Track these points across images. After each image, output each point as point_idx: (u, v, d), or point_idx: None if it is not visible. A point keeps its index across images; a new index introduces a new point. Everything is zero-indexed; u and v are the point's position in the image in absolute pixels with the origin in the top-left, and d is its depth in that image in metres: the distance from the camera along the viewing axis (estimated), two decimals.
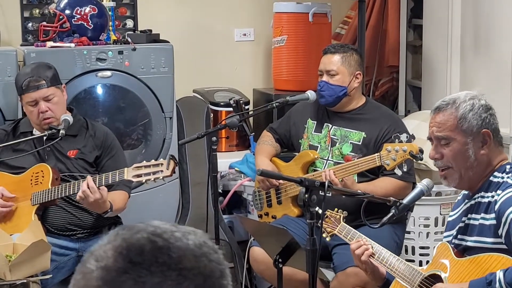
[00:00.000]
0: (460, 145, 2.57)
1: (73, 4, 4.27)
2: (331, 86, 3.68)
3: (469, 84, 4.50)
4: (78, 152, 3.62)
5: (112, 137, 3.72)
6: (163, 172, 3.29)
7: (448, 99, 2.61)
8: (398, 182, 3.52)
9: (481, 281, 2.43)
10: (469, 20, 4.59)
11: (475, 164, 2.57)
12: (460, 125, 2.55)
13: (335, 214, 3.01)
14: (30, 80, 3.53)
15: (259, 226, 3.48)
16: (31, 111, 3.56)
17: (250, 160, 4.44)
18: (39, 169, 3.52)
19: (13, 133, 3.69)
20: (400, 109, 5.49)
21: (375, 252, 2.79)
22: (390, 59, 5.48)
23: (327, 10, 4.92)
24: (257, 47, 5.40)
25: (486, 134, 2.57)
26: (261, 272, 3.65)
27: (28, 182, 3.53)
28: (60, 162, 3.59)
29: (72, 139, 3.64)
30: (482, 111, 2.57)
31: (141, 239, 1.05)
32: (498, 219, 2.48)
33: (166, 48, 4.33)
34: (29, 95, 3.53)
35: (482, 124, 2.56)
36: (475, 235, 2.58)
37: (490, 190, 2.57)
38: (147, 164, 3.33)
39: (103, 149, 3.65)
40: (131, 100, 4.25)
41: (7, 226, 3.50)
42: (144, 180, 3.30)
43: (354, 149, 3.65)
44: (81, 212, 3.57)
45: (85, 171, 3.59)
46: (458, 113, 2.56)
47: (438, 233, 4.12)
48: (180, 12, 5.22)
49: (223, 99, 4.82)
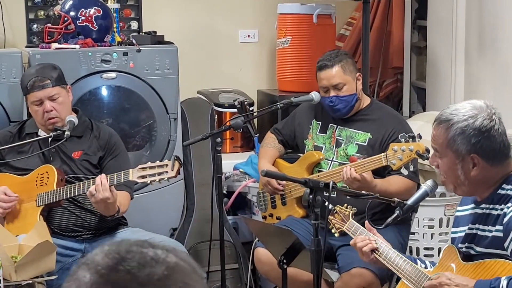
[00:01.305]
0: (450, 162, 2.54)
1: (78, 6, 4.27)
2: (343, 99, 3.66)
3: (474, 85, 4.50)
4: (83, 154, 3.62)
5: (116, 137, 3.72)
6: (168, 173, 3.29)
7: (448, 113, 2.55)
8: (407, 180, 3.52)
9: (487, 283, 2.42)
10: (474, 21, 4.59)
11: (467, 182, 2.54)
12: (450, 145, 2.52)
13: (345, 210, 3.00)
14: (35, 80, 3.54)
15: (263, 227, 3.48)
16: (36, 110, 3.57)
17: (255, 161, 4.45)
18: (44, 170, 3.53)
19: (19, 134, 3.69)
20: (404, 110, 5.49)
21: (379, 248, 2.79)
22: (395, 60, 5.48)
23: (332, 11, 4.93)
24: (261, 49, 5.41)
25: (474, 158, 2.51)
26: (265, 273, 3.65)
27: (33, 183, 3.53)
28: (65, 164, 3.60)
29: (77, 140, 3.64)
30: (472, 135, 2.49)
31: (106, 263, 1.06)
32: (505, 232, 2.46)
33: (170, 50, 4.34)
34: (34, 95, 3.54)
35: (471, 149, 2.50)
36: (482, 246, 2.56)
37: (500, 202, 2.53)
38: (152, 165, 3.33)
39: (106, 149, 3.65)
40: (135, 101, 4.26)
41: (13, 227, 3.51)
42: (149, 180, 3.31)
43: (360, 150, 3.65)
44: (85, 213, 3.58)
45: (89, 173, 3.59)
46: (449, 135, 2.51)
47: (442, 234, 4.12)
48: (185, 13, 5.23)
49: (228, 100, 4.83)
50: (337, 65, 3.65)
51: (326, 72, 3.67)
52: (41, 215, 3.48)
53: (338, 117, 3.72)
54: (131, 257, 1.06)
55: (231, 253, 4.34)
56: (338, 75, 3.65)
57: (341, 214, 3.00)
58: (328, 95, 3.67)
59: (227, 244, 4.26)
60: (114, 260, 1.05)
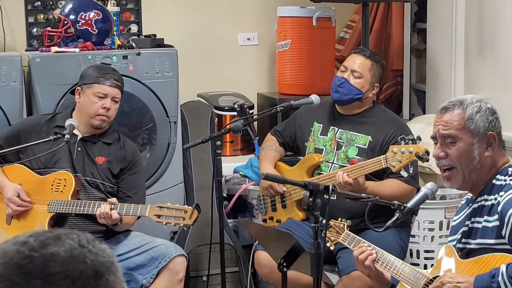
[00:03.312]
0: (466, 145, 2.57)
1: (78, 9, 4.28)
2: (350, 86, 3.68)
3: (474, 88, 4.50)
4: (106, 161, 3.65)
5: (139, 156, 3.80)
6: (185, 220, 3.35)
7: (455, 100, 2.63)
8: (404, 184, 3.53)
9: (486, 275, 2.45)
10: (473, 24, 4.59)
11: (479, 166, 2.57)
12: (467, 125, 2.56)
13: (339, 223, 3.01)
14: (111, 76, 3.64)
15: (263, 230, 3.48)
16: (94, 102, 3.60)
17: (255, 164, 4.44)
18: (63, 177, 3.55)
19: (48, 124, 3.70)
20: (404, 112, 5.49)
21: (379, 258, 2.80)
22: (394, 63, 5.48)
23: (331, 14, 4.93)
24: (261, 52, 5.41)
25: (491, 136, 2.58)
26: (265, 276, 3.65)
27: (49, 186, 3.54)
28: (86, 165, 3.62)
29: (104, 146, 3.68)
30: (488, 113, 2.58)
31: (9, 252, 1.07)
32: (501, 219, 2.49)
33: (170, 53, 4.34)
34: (104, 88, 3.61)
35: (489, 127, 2.57)
36: (478, 238, 2.59)
37: (493, 193, 2.57)
38: (171, 207, 3.37)
39: (128, 163, 3.70)
40: (135, 104, 4.26)
41: (19, 225, 3.52)
42: (165, 222, 3.35)
43: (360, 152, 3.65)
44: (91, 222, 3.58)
45: (108, 181, 3.63)
46: (466, 114, 2.56)
47: (442, 237, 4.12)
48: (184, 16, 5.23)
49: (228, 104, 4.83)
50: (370, 60, 3.72)
51: (358, 56, 3.74)
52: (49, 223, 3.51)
53: (334, 99, 3.74)
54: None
55: (231, 256, 4.34)
56: (364, 66, 3.70)
57: (336, 227, 3.01)
58: (342, 75, 3.69)
59: (227, 247, 4.26)
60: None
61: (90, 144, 3.65)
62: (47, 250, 1.07)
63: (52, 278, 1.04)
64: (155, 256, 3.54)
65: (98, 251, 1.10)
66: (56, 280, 1.05)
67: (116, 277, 1.09)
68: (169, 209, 3.37)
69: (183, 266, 3.57)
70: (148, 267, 3.54)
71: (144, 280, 3.52)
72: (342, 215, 3.09)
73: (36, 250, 1.07)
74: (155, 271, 3.52)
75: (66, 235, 1.10)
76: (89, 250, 1.09)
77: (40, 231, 1.11)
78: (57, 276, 1.05)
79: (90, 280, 1.06)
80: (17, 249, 1.07)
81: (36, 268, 1.05)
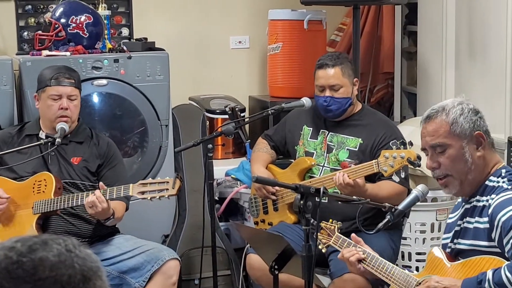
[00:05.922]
0: (456, 150, 2.57)
1: (69, 13, 4.27)
2: (337, 100, 3.66)
3: (464, 90, 4.51)
4: (82, 160, 3.63)
5: (114, 148, 3.75)
6: (169, 191, 3.32)
7: (437, 107, 2.63)
8: (398, 185, 3.53)
9: (473, 280, 2.46)
10: (464, 27, 4.61)
11: (473, 167, 2.58)
12: (453, 130, 2.57)
13: (330, 225, 3.02)
14: (60, 75, 3.58)
15: (255, 233, 3.48)
16: (51, 105, 3.57)
17: (246, 167, 4.45)
18: (42, 178, 3.53)
19: (18, 135, 3.69)
20: (395, 115, 5.50)
21: (367, 257, 2.81)
22: (385, 65, 5.49)
23: (322, 17, 4.94)
24: (252, 55, 5.41)
25: (479, 135, 2.58)
26: (257, 279, 3.64)
27: (30, 190, 3.53)
28: (63, 168, 3.60)
29: (77, 146, 3.65)
30: (472, 114, 2.58)
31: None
32: (491, 222, 2.49)
33: (161, 56, 4.34)
34: (56, 88, 3.56)
35: (474, 127, 2.58)
36: (470, 239, 2.60)
37: (485, 194, 2.58)
38: (153, 181, 3.35)
39: (105, 158, 3.67)
40: (127, 108, 4.26)
41: (7, 233, 3.50)
42: (149, 197, 3.33)
43: (351, 155, 3.66)
44: (80, 222, 3.58)
45: (87, 179, 3.60)
46: (449, 119, 2.57)
47: (434, 239, 4.13)
48: (175, 20, 5.23)
49: (219, 107, 4.83)
50: (337, 67, 3.67)
51: (325, 71, 3.67)
52: (37, 223, 3.48)
53: (330, 118, 3.73)
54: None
55: (223, 259, 4.34)
56: (337, 77, 3.66)
57: (327, 229, 3.01)
58: (323, 94, 3.68)
59: (219, 250, 4.26)
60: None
61: (62, 146, 3.60)
62: (36, 255, 1.07)
63: (42, 283, 1.05)
64: (148, 260, 3.52)
65: (85, 256, 1.11)
66: (45, 284, 1.05)
67: (102, 282, 1.11)
68: (151, 184, 3.35)
69: (177, 270, 3.55)
70: (141, 271, 3.51)
71: (136, 284, 3.50)
72: (334, 217, 3.09)
73: (25, 255, 1.07)
74: (148, 275, 3.50)
75: (52, 240, 1.11)
76: (77, 255, 1.10)
77: (26, 236, 1.12)
78: (47, 281, 1.06)
79: (79, 284, 1.07)
80: (5, 254, 1.08)
81: (25, 272, 1.06)
